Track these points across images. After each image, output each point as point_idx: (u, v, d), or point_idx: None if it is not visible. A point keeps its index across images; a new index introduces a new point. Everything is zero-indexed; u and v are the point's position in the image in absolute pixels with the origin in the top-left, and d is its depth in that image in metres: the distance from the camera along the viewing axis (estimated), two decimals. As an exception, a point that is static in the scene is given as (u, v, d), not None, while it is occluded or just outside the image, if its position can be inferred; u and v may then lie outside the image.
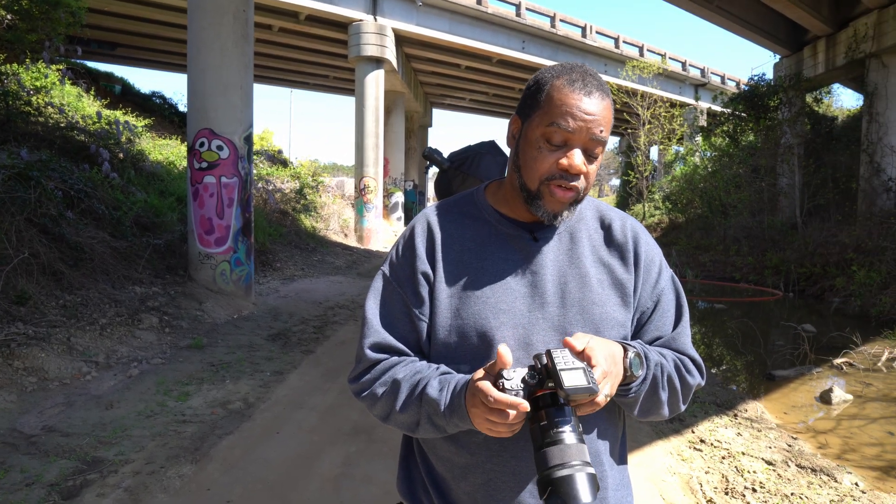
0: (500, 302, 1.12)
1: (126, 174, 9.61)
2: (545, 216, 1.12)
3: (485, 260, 1.16)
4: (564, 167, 1.07)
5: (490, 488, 1.09)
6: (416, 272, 1.16)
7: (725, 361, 7.95)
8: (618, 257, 1.20)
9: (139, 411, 4.31)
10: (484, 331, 1.10)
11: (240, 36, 7.92)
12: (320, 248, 14.88)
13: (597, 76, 1.11)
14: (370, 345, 1.15)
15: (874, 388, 6.33)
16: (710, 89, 29.97)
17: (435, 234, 1.19)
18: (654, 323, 1.20)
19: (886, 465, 4.45)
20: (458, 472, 1.12)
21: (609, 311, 1.14)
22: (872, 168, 14.55)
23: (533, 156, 1.09)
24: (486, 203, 1.22)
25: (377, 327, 1.16)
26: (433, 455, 1.17)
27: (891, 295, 9.85)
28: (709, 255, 17.68)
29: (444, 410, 1.03)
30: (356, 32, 18.95)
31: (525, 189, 1.12)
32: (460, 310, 1.12)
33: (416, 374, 1.10)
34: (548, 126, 1.07)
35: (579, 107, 1.05)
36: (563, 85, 1.07)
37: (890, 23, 14.02)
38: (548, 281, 1.14)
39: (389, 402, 1.11)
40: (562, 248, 1.18)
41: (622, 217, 1.25)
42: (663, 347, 1.19)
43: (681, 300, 1.24)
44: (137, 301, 6.73)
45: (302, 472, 3.48)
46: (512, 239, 1.17)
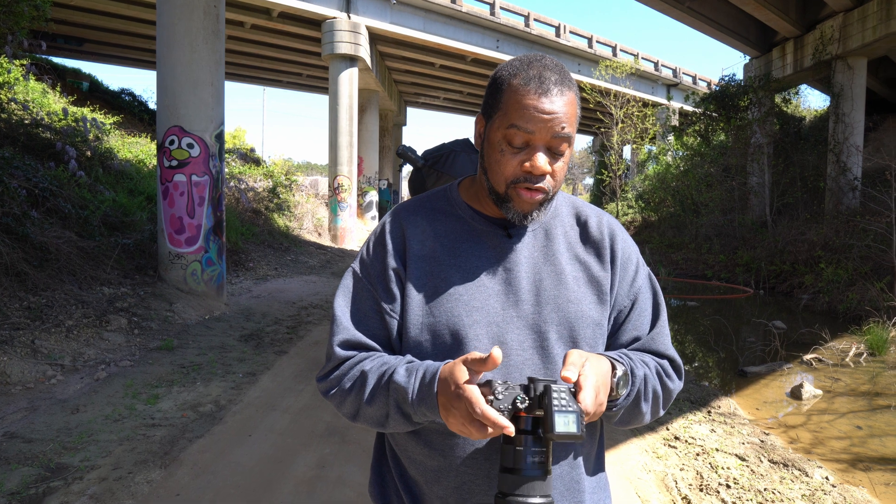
0: (473, 299, 1.10)
1: (94, 172, 9.39)
2: (515, 217, 1.10)
3: (458, 257, 1.13)
4: (528, 169, 1.05)
5: (463, 491, 1.07)
6: (387, 269, 1.14)
7: (698, 358, 8.04)
8: (594, 254, 1.17)
9: (106, 415, 4.20)
10: (456, 329, 1.08)
11: (210, 32, 7.79)
12: (294, 248, 14.73)
13: (556, 68, 1.07)
14: (339, 342, 1.13)
15: (842, 383, 6.45)
16: (681, 89, 30.35)
17: (406, 231, 1.16)
18: (631, 322, 1.17)
19: (854, 458, 4.53)
20: (431, 476, 1.10)
21: (584, 308, 1.12)
22: (839, 167, 14.85)
23: (496, 159, 1.07)
24: (460, 199, 1.20)
25: (346, 325, 1.14)
26: (406, 458, 1.15)
27: (857, 292, 10.05)
28: (681, 253, 17.92)
29: (412, 399, 0.99)
30: (330, 30, 18.80)
31: (493, 192, 1.10)
32: (432, 307, 1.10)
33: (383, 364, 1.07)
34: (507, 129, 1.05)
35: (537, 107, 1.02)
36: (519, 85, 1.04)
37: (855, 26, 14.32)
38: (522, 278, 1.12)
39: (357, 395, 1.08)
40: (537, 244, 1.15)
41: (598, 214, 1.23)
42: (643, 350, 1.17)
43: (658, 299, 1.21)
44: (105, 302, 6.58)
45: (275, 476, 3.42)
46: (485, 235, 1.15)
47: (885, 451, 4.66)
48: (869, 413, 5.56)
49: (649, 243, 19.61)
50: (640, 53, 29.09)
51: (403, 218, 1.19)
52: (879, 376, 6.68)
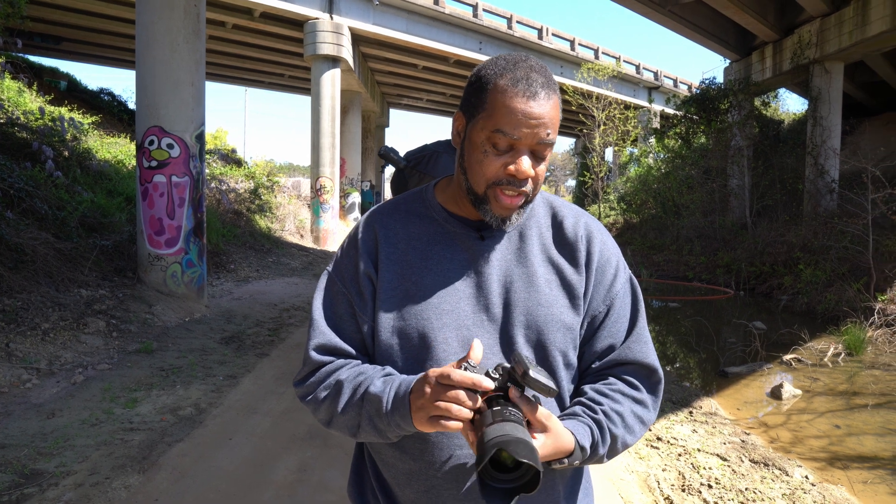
0: (444, 303, 1.08)
1: (71, 173, 9.25)
2: (493, 221, 1.07)
3: (429, 259, 1.12)
4: (512, 173, 1.03)
5: (432, 495, 1.06)
6: (359, 273, 1.13)
7: (680, 359, 8.10)
8: (568, 257, 1.14)
9: (83, 420, 4.13)
10: (425, 332, 1.07)
11: (191, 31, 7.70)
12: (275, 249, 14.63)
13: (542, 71, 1.05)
14: (315, 346, 1.12)
15: (821, 382, 6.53)
16: (663, 92, 30.63)
17: (379, 234, 1.15)
18: (606, 329, 1.14)
19: (832, 456, 4.58)
20: (403, 479, 1.09)
21: (556, 312, 1.10)
22: (817, 170, 15.06)
23: (478, 159, 1.05)
24: (435, 201, 1.18)
25: (323, 328, 1.13)
26: (380, 461, 1.14)
27: (835, 292, 10.18)
28: (663, 255, 18.05)
29: (385, 407, 0.99)
30: (312, 31, 18.71)
31: (472, 192, 1.08)
32: (403, 311, 1.09)
33: (359, 374, 1.07)
34: (493, 131, 1.02)
35: (525, 112, 1.00)
36: (506, 87, 1.02)
37: (832, 30, 14.53)
38: (493, 281, 1.10)
39: (332, 404, 1.07)
40: (510, 247, 1.13)
41: (576, 214, 1.19)
42: (618, 361, 1.14)
43: (638, 305, 1.18)
44: (83, 304, 6.47)
45: (256, 480, 3.38)
46: (458, 238, 1.13)
47: (862, 450, 4.72)
48: (847, 412, 5.63)
49: (631, 245, 19.74)
50: (622, 56, 29.29)
51: (376, 221, 1.17)
52: (857, 376, 6.78)
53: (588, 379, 1.15)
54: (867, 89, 19.32)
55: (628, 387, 1.12)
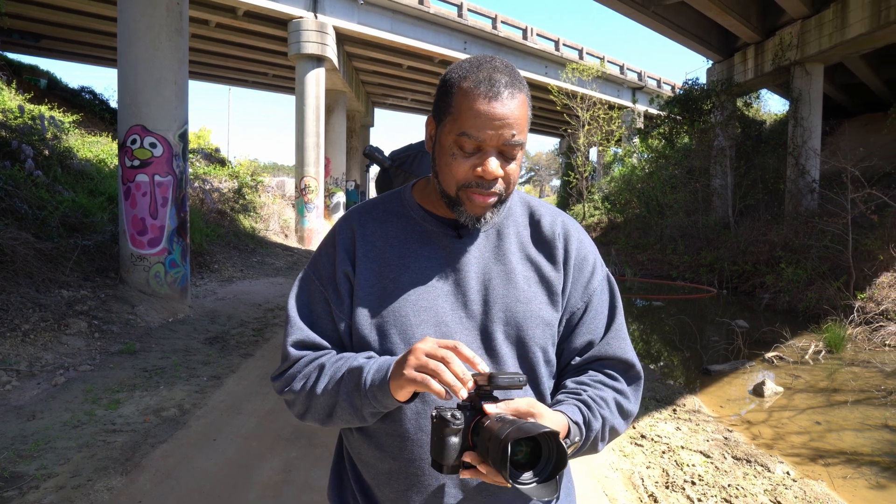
0: (422, 300, 1.10)
1: (52, 172, 9.13)
2: (468, 221, 1.08)
3: (407, 257, 1.13)
4: (479, 174, 1.04)
5: (411, 494, 1.07)
6: (336, 271, 1.14)
7: (663, 357, 8.16)
8: (546, 254, 1.16)
9: (65, 421, 4.08)
10: (403, 328, 1.08)
11: (173, 29, 7.63)
12: (260, 249, 14.55)
13: (506, 70, 1.05)
14: (293, 342, 1.13)
15: (802, 380, 6.61)
16: (646, 92, 30.84)
17: (357, 233, 1.16)
18: (585, 325, 1.16)
19: (813, 452, 4.64)
20: (383, 478, 1.10)
21: (535, 308, 1.11)
22: (798, 170, 15.24)
23: (447, 162, 1.06)
24: (413, 200, 1.20)
25: (300, 325, 1.15)
26: (359, 461, 1.15)
27: (816, 291, 10.31)
28: (647, 254, 18.19)
29: (365, 378, 1.00)
30: (296, 30, 18.63)
31: (445, 195, 1.09)
32: (381, 307, 1.10)
33: (340, 358, 1.09)
34: (458, 135, 1.03)
35: (488, 113, 1.01)
36: (469, 89, 1.03)
37: (812, 33, 14.71)
38: (471, 278, 1.11)
39: (311, 388, 1.08)
40: (488, 245, 1.15)
41: (553, 213, 1.21)
42: (597, 357, 1.16)
43: (615, 301, 1.20)
44: (64, 305, 6.40)
45: (240, 480, 3.36)
46: (436, 236, 1.15)
47: (842, 446, 4.79)
48: (827, 409, 5.70)
49: (615, 244, 19.86)
50: (606, 57, 29.46)
51: (354, 220, 1.19)
52: (837, 373, 6.87)
53: (568, 375, 1.17)
54: (846, 91, 19.58)
55: (609, 378, 1.15)
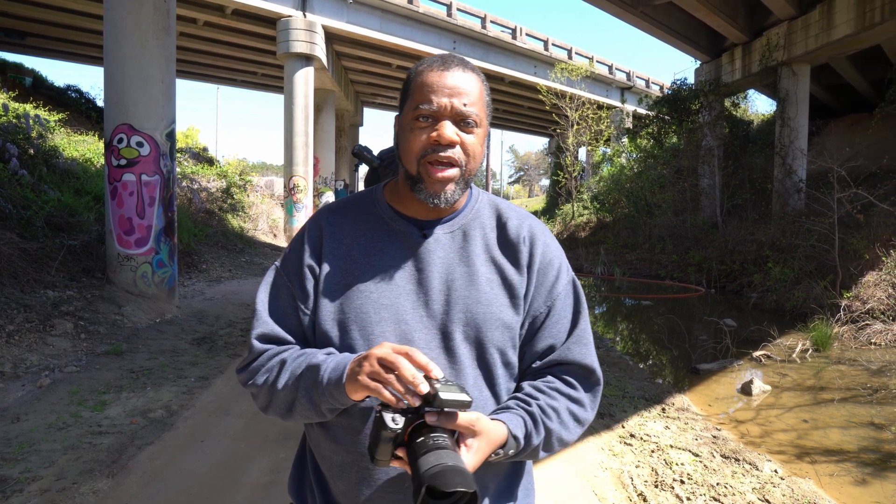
0: (383, 297, 1.12)
1: (37, 171, 9.04)
2: (429, 199, 1.11)
3: (372, 256, 1.16)
4: (434, 139, 1.07)
5: (363, 486, 1.10)
6: (302, 267, 1.17)
7: (652, 356, 8.19)
8: (510, 258, 1.17)
9: (50, 424, 4.04)
10: (364, 325, 1.11)
11: (161, 28, 7.58)
12: (248, 249, 14.47)
13: (461, 58, 1.14)
14: (257, 335, 1.17)
15: (789, 378, 6.65)
16: (635, 92, 30.96)
17: (325, 231, 1.19)
18: (547, 330, 1.17)
19: (800, 450, 4.67)
20: (336, 471, 1.13)
21: (495, 311, 1.13)
22: (785, 170, 15.35)
23: (407, 139, 1.11)
24: (383, 199, 1.22)
25: (265, 319, 1.18)
26: (317, 454, 1.18)
27: (803, 290, 10.39)
28: (635, 254, 18.25)
29: (322, 375, 1.03)
30: (285, 28, 18.55)
31: (408, 176, 1.13)
32: (343, 304, 1.13)
33: (301, 354, 1.12)
34: (415, 109, 1.09)
35: (439, 83, 1.08)
36: (423, 70, 1.11)
37: (798, 33, 14.82)
38: (434, 278, 1.13)
39: (273, 382, 1.11)
40: (453, 245, 1.16)
41: (520, 217, 1.23)
42: (558, 362, 1.17)
43: (580, 306, 1.21)
44: (50, 306, 6.33)
45: (228, 482, 3.33)
46: (402, 236, 1.17)
47: (828, 443, 4.82)
48: (814, 407, 5.74)
49: (604, 244, 19.92)
50: (596, 57, 29.54)
51: (324, 218, 1.22)
52: (823, 371, 6.92)
53: (528, 377, 1.18)
54: (833, 91, 19.75)
55: (566, 385, 1.16)
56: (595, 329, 9.86)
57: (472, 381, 1.11)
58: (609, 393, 5.52)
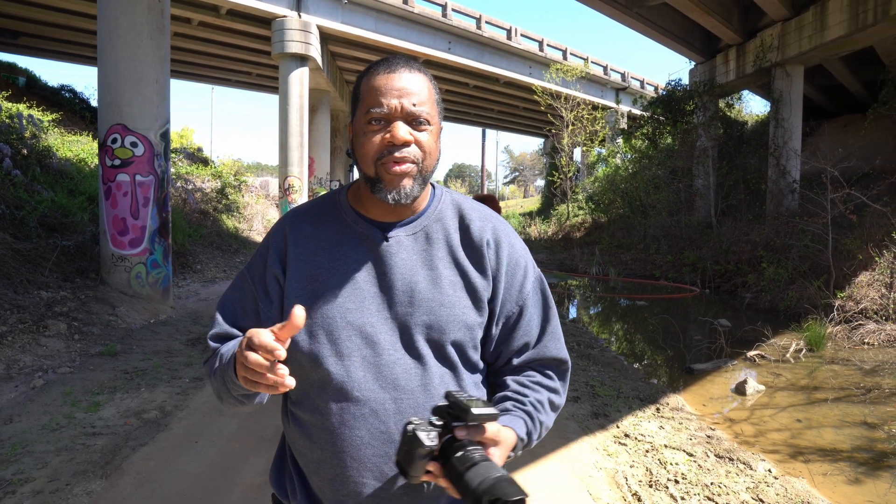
0: (348, 301, 1.14)
1: (30, 171, 9.01)
2: (388, 197, 1.11)
3: (336, 261, 1.17)
4: (388, 140, 1.09)
5: (336, 482, 1.13)
6: (266, 272, 1.19)
7: (647, 357, 8.21)
8: (473, 260, 1.19)
9: (43, 425, 4.02)
10: (330, 329, 1.12)
11: (155, 28, 7.56)
12: (243, 249, 14.45)
13: (407, 58, 1.16)
14: (211, 335, 1.22)
15: (783, 378, 6.68)
16: (630, 93, 31.00)
17: (289, 235, 1.21)
18: (521, 328, 1.21)
19: (794, 450, 4.69)
20: (312, 467, 1.16)
21: (458, 313, 1.15)
22: (779, 170, 15.40)
23: (361, 143, 1.12)
24: (346, 203, 1.23)
25: (220, 320, 1.23)
26: (294, 450, 1.21)
27: (797, 290, 10.42)
28: (630, 254, 18.28)
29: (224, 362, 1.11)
30: (280, 29, 18.52)
31: (366, 178, 1.14)
32: (309, 309, 1.12)
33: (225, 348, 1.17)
34: (366, 113, 1.11)
35: (387, 86, 1.10)
36: (369, 74, 1.13)
37: (792, 35, 14.88)
38: (397, 281, 1.15)
39: (210, 374, 1.18)
40: (416, 248, 1.18)
41: (483, 218, 1.23)
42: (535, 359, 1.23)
43: (547, 302, 1.25)
44: (43, 306, 6.31)
45: (223, 482, 3.33)
46: (365, 239, 1.18)
47: (822, 443, 4.84)
48: (808, 406, 5.77)
49: (599, 244, 19.94)
50: (590, 57, 29.58)
51: (288, 223, 1.23)
52: (817, 371, 6.95)
53: (507, 373, 1.24)
54: (826, 92, 19.82)
55: (545, 378, 1.24)
56: (590, 329, 9.88)
57: (438, 379, 1.14)
58: (604, 393, 5.53)
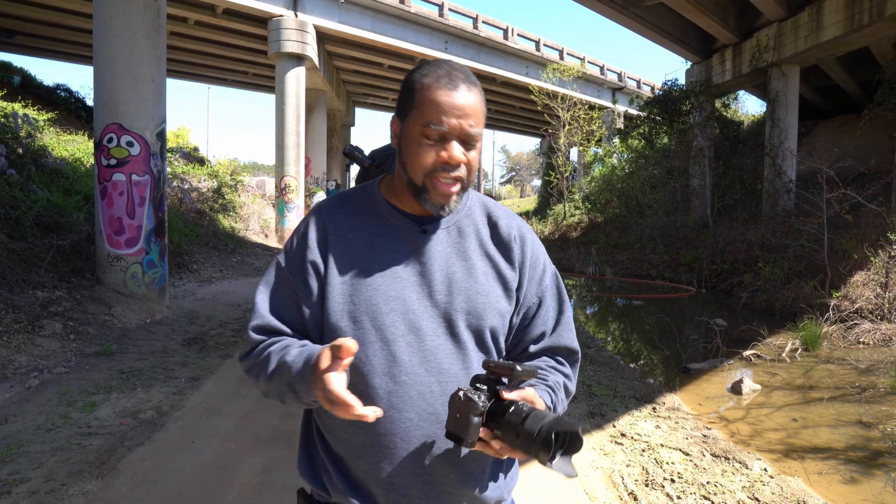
0: (391, 289, 1.19)
1: (26, 171, 8.97)
2: (433, 208, 1.18)
3: (376, 250, 1.22)
4: (444, 159, 1.14)
5: (385, 464, 1.17)
6: (306, 262, 1.22)
7: (643, 356, 8.22)
8: (503, 254, 1.28)
9: (38, 425, 4.01)
10: (375, 316, 1.17)
11: (151, 27, 7.54)
12: (239, 249, 14.43)
13: (462, 69, 1.18)
14: (254, 327, 1.23)
15: (779, 377, 6.70)
16: (626, 93, 31.03)
17: (328, 225, 1.25)
18: (539, 318, 1.30)
19: (789, 449, 4.71)
20: (356, 451, 1.19)
21: (493, 301, 1.23)
22: (775, 170, 15.44)
23: (414, 152, 1.16)
24: (380, 195, 1.28)
25: (263, 312, 1.23)
26: (332, 436, 1.23)
27: (792, 290, 10.45)
28: (627, 254, 18.31)
29: (295, 376, 1.09)
30: (276, 28, 18.50)
31: (412, 184, 1.18)
32: (353, 296, 1.19)
33: (284, 347, 1.17)
34: (424, 126, 1.14)
35: (448, 103, 1.13)
36: (430, 84, 1.14)
37: (788, 35, 14.91)
38: (435, 271, 1.21)
39: (263, 374, 1.17)
40: (450, 240, 1.25)
41: (509, 216, 1.34)
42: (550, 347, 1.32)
43: (562, 296, 1.35)
44: (39, 306, 6.29)
45: (219, 483, 3.32)
46: (402, 231, 1.24)
47: (817, 442, 4.86)
48: (803, 405, 5.78)
49: (595, 244, 19.96)
50: (587, 57, 29.60)
51: (325, 213, 1.27)
52: (813, 370, 6.97)
53: (524, 359, 1.31)
54: (822, 92, 19.88)
55: (559, 364, 1.32)
56: (587, 329, 9.89)
57: (477, 364, 1.20)
58: (600, 392, 5.54)
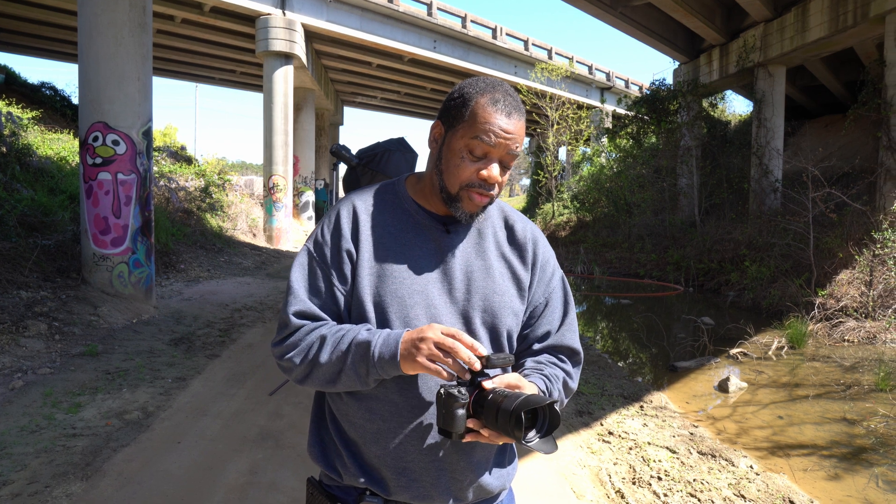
0: (415, 283, 1.26)
1: (10, 170, 8.89)
2: (462, 216, 1.27)
3: (403, 245, 1.29)
4: (484, 177, 1.22)
5: (399, 450, 1.23)
6: (340, 250, 1.27)
7: (631, 355, 8.26)
8: (518, 255, 1.36)
9: (22, 426, 3.97)
10: (400, 308, 1.24)
11: (136, 25, 7.48)
12: (227, 249, 14.35)
13: (515, 96, 1.26)
14: (294, 312, 1.25)
15: (765, 375, 6.75)
16: (615, 93, 31.15)
17: (359, 217, 1.30)
18: (545, 318, 1.37)
19: (775, 446, 4.75)
20: (370, 437, 1.24)
21: (507, 300, 1.30)
22: (761, 170, 15.55)
23: (456, 163, 1.23)
24: (407, 194, 1.35)
25: (302, 297, 1.27)
26: (346, 422, 1.28)
27: (779, 288, 10.53)
28: (615, 252, 18.38)
29: (373, 351, 1.15)
30: (264, 26, 18.41)
31: (445, 191, 1.26)
32: (379, 287, 1.25)
33: (340, 329, 1.21)
34: (471, 139, 1.21)
35: (500, 126, 1.20)
36: (487, 103, 1.21)
37: (774, 35, 15.02)
38: (456, 269, 1.28)
39: (314, 357, 1.21)
40: (470, 241, 1.32)
41: (524, 220, 1.42)
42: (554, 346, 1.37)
43: (568, 298, 1.42)
44: (23, 307, 6.23)
45: (205, 483, 3.30)
46: (427, 229, 1.31)
47: (802, 439, 4.90)
48: (789, 403, 5.83)
49: (584, 243, 20.04)
50: (576, 57, 29.66)
51: (356, 205, 1.33)
52: (798, 368, 7.03)
53: (527, 356, 1.38)
54: (808, 93, 20.04)
55: (560, 362, 1.38)
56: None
57: None
58: (588, 391, 5.56)
